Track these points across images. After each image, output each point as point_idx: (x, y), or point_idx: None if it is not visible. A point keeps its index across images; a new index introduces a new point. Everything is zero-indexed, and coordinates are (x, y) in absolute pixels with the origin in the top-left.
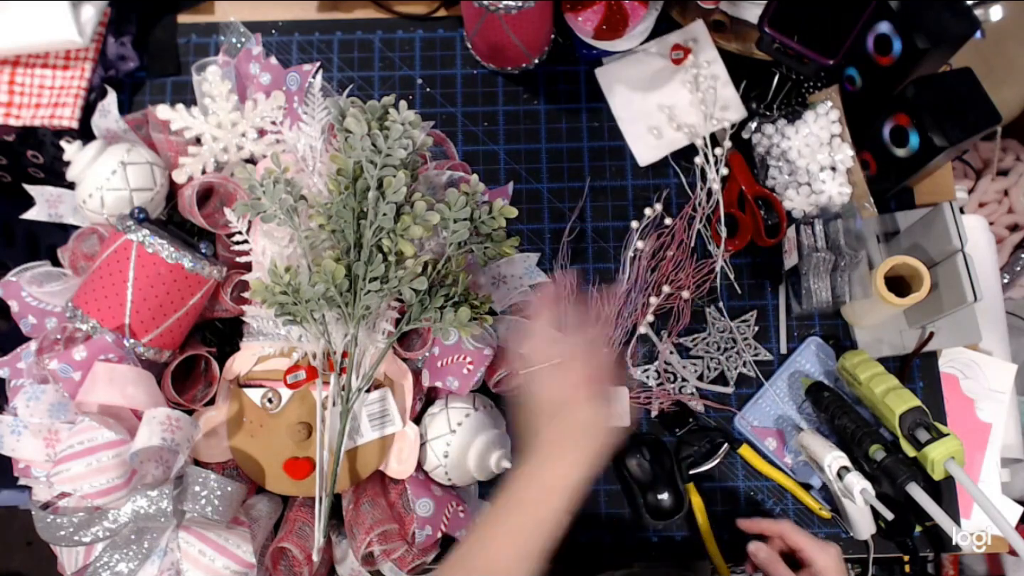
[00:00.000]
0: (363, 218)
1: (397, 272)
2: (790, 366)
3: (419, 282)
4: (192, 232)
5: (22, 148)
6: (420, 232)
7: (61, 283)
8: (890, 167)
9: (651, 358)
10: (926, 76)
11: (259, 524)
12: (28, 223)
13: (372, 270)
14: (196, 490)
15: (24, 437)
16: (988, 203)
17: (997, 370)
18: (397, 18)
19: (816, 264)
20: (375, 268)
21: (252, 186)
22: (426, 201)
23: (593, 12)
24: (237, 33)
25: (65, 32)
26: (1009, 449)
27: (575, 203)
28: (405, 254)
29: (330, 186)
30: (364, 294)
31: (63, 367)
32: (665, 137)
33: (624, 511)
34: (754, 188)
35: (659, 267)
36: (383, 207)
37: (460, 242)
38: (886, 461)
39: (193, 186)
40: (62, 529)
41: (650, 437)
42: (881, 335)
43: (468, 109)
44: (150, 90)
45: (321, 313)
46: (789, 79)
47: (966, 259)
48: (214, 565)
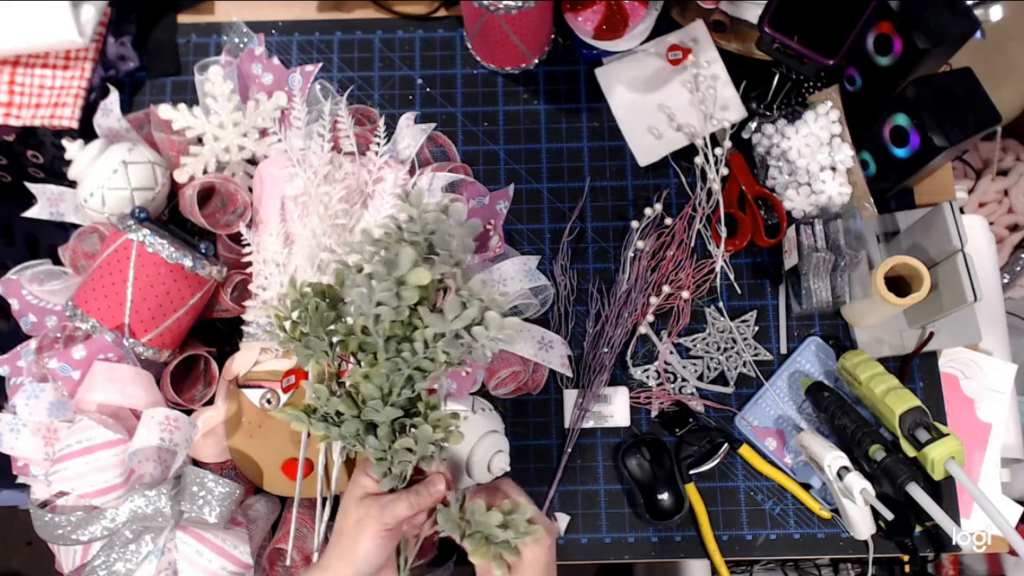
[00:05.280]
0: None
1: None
2: (790, 366)
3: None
4: (192, 232)
5: (22, 148)
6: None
7: (62, 281)
8: (890, 167)
9: (651, 358)
10: (926, 76)
11: (257, 525)
12: (28, 223)
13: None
14: (194, 490)
15: (23, 435)
16: (988, 203)
17: (997, 370)
18: (397, 18)
19: (816, 264)
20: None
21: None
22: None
23: (593, 12)
24: (240, 33)
25: (65, 32)
26: (1009, 449)
27: (575, 203)
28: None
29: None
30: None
31: (62, 366)
32: (665, 137)
33: (624, 511)
34: (754, 188)
35: (659, 267)
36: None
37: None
38: (886, 461)
39: (194, 186)
40: (60, 528)
41: (650, 437)
42: (881, 335)
43: (468, 109)
44: (150, 90)
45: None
46: (789, 79)
47: (966, 259)
48: (211, 566)
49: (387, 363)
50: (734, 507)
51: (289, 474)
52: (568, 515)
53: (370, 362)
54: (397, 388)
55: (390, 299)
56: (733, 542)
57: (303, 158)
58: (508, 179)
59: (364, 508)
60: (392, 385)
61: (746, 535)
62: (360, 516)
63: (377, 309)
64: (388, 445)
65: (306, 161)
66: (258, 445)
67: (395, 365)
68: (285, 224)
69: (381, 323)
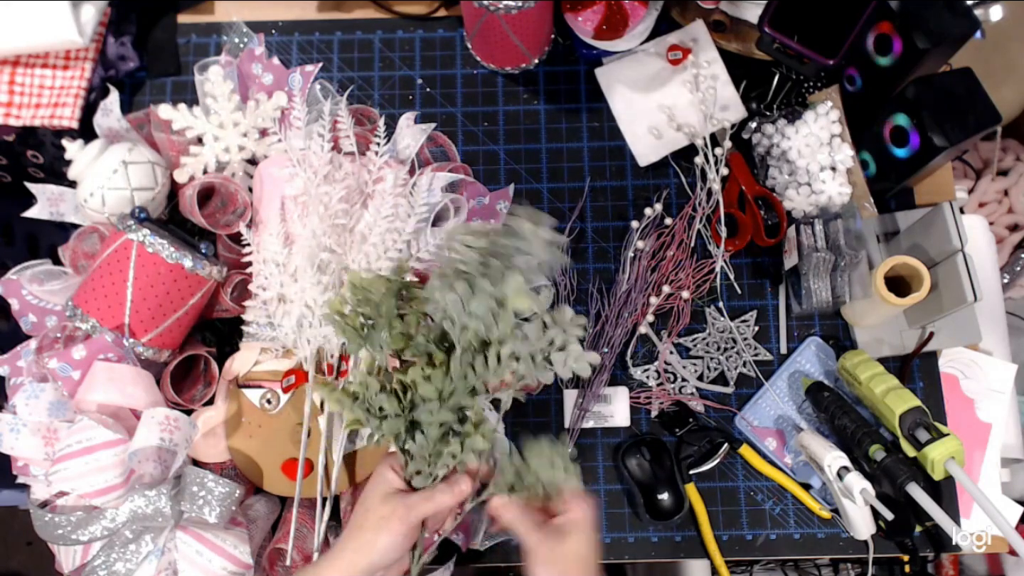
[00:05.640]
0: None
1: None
2: (790, 366)
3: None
4: (192, 232)
5: (22, 148)
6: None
7: (62, 281)
8: (890, 167)
9: (651, 358)
10: (926, 76)
11: (257, 525)
12: (28, 223)
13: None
14: (194, 490)
15: (23, 435)
16: (988, 203)
17: (997, 370)
18: (397, 18)
19: (816, 264)
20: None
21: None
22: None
23: (593, 12)
24: (240, 33)
25: (65, 32)
26: (1009, 449)
27: (575, 203)
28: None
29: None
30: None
31: (62, 366)
32: (665, 137)
33: (624, 511)
34: (754, 188)
35: (659, 267)
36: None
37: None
38: (886, 461)
39: (194, 186)
40: (60, 528)
41: (650, 437)
42: (881, 335)
43: (468, 109)
44: (150, 90)
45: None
46: (789, 79)
47: (966, 259)
48: (211, 566)
49: (457, 370)
50: (734, 507)
51: (289, 474)
52: None
53: (428, 363)
54: (458, 395)
55: (484, 314)
56: (733, 542)
57: (303, 158)
58: (508, 179)
59: (390, 506)
60: (454, 391)
61: (746, 535)
62: (385, 514)
63: (468, 320)
64: (433, 447)
65: (306, 161)
66: (258, 445)
67: (464, 374)
68: (285, 224)
69: (466, 332)
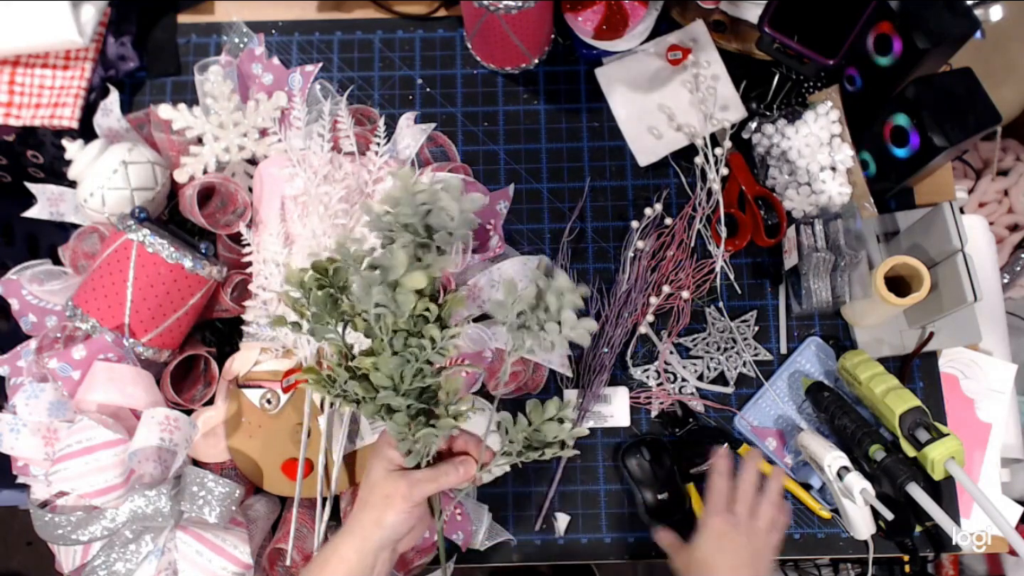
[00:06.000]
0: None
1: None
2: (790, 366)
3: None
4: (192, 232)
5: (22, 148)
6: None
7: (62, 281)
8: (890, 167)
9: (651, 358)
10: (926, 76)
11: (257, 525)
12: (28, 223)
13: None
14: (194, 490)
15: (23, 435)
16: (988, 203)
17: (997, 370)
18: (397, 18)
19: (816, 264)
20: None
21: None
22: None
23: (593, 12)
24: (240, 33)
25: (65, 32)
26: (1009, 449)
27: (575, 203)
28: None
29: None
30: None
31: (62, 366)
32: (665, 137)
33: (624, 511)
34: (754, 188)
35: (659, 267)
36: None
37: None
38: (886, 461)
39: (194, 186)
40: (60, 528)
41: (650, 437)
42: (881, 335)
43: (468, 109)
44: (150, 90)
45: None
46: (789, 79)
47: (966, 259)
48: (211, 565)
49: (395, 357)
50: None
51: (289, 474)
52: (568, 515)
53: (380, 347)
54: (408, 378)
55: (388, 302)
56: None
57: (303, 158)
58: (508, 179)
59: (392, 484)
60: (403, 375)
61: None
62: (388, 492)
63: (377, 310)
64: (407, 428)
65: (306, 161)
66: (258, 445)
67: (403, 359)
68: (285, 224)
69: (382, 321)
